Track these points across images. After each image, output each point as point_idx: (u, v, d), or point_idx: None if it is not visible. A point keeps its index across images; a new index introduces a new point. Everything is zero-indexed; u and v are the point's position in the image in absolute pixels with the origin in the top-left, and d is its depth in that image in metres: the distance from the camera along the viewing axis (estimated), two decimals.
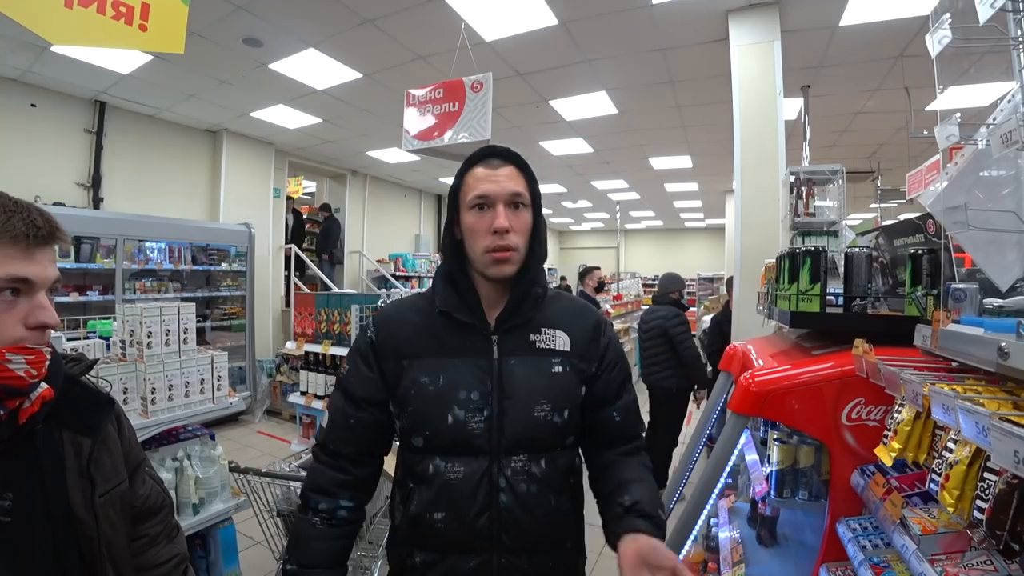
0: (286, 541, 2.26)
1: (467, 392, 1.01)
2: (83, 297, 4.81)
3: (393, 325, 1.09)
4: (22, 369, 0.76)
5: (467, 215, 1.04)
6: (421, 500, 1.01)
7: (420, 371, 1.03)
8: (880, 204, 7.01)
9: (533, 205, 1.07)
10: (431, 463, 1.01)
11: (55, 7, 1.71)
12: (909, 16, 3.72)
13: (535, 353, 1.07)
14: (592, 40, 4.38)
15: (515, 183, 1.04)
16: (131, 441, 1.03)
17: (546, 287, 1.13)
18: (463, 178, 1.07)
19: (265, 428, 5.91)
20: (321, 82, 5.29)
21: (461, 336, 1.05)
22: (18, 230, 0.75)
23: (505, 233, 1.00)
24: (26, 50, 4.40)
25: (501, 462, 1.01)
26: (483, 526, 0.99)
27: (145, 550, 1.02)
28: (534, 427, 1.03)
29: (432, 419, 1.01)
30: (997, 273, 1.06)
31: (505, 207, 1.02)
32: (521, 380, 1.04)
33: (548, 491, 1.03)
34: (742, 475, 2.36)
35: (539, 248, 1.07)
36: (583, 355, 1.10)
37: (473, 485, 1.00)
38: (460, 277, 1.07)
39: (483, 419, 1.01)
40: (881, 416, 1.39)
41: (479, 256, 1.03)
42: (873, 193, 7.09)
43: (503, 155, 1.07)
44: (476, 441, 1.00)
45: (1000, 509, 0.81)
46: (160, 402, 2.14)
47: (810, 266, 1.65)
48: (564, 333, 1.09)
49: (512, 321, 1.07)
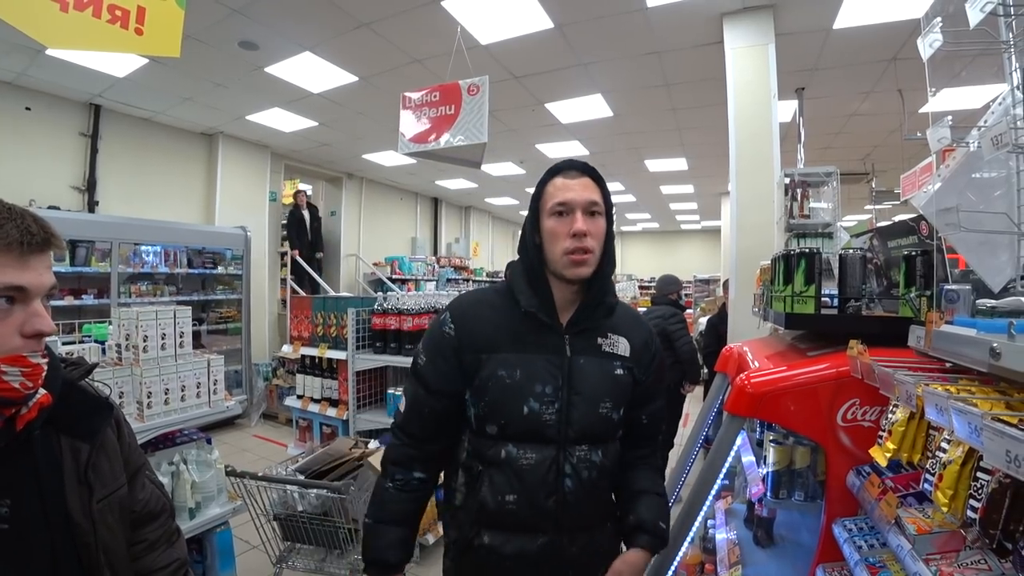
0: (282, 545, 2.26)
1: (542, 386, 1.11)
2: (78, 301, 4.79)
3: (471, 320, 1.17)
4: (17, 381, 0.75)
5: (548, 220, 1.13)
6: (493, 483, 1.11)
7: (499, 364, 1.12)
8: (874, 205, 7.06)
9: (607, 215, 1.16)
10: (503, 448, 1.11)
11: (51, 11, 1.70)
12: (902, 19, 3.75)
13: (601, 355, 1.17)
14: (587, 43, 4.40)
15: (592, 192, 1.13)
16: (131, 445, 1.02)
17: (616, 297, 1.22)
18: (544, 187, 1.17)
19: (261, 432, 5.89)
20: (317, 85, 5.29)
21: (537, 334, 1.14)
22: (12, 237, 0.74)
23: (584, 236, 1.09)
24: (21, 53, 4.38)
25: (567, 451, 1.11)
26: (551, 508, 1.10)
27: (144, 555, 1.01)
28: (597, 421, 1.14)
29: (509, 409, 1.10)
30: (989, 274, 1.07)
31: (583, 213, 1.11)
32: (588, 378, 1.14)
33: (603, 478, 1.16)
34: (739, 476, 2.37)
35: (610, 255, 1.17)
36: (638, 361, 1.21)
37: (543, 470, 1.10)
38: (538, 279, 1.15)
39: (555, 411, 1.11)
40: (876, 417, 1.39)
41: (558, 258, 1.12)
42: (867, 194, 7.14)
43: (580, 168, 1.16)
44: (547, 431, 1.10)
45: (993, 508, 0.82)
46: (156, 406, 2.13)
47: (805, 268, 1.66)
48: (625, 340, 1.20)
49: (583, 324, 1.17)
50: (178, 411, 2.21)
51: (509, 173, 9.14)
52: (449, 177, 9.71)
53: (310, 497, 2.13)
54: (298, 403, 3.88)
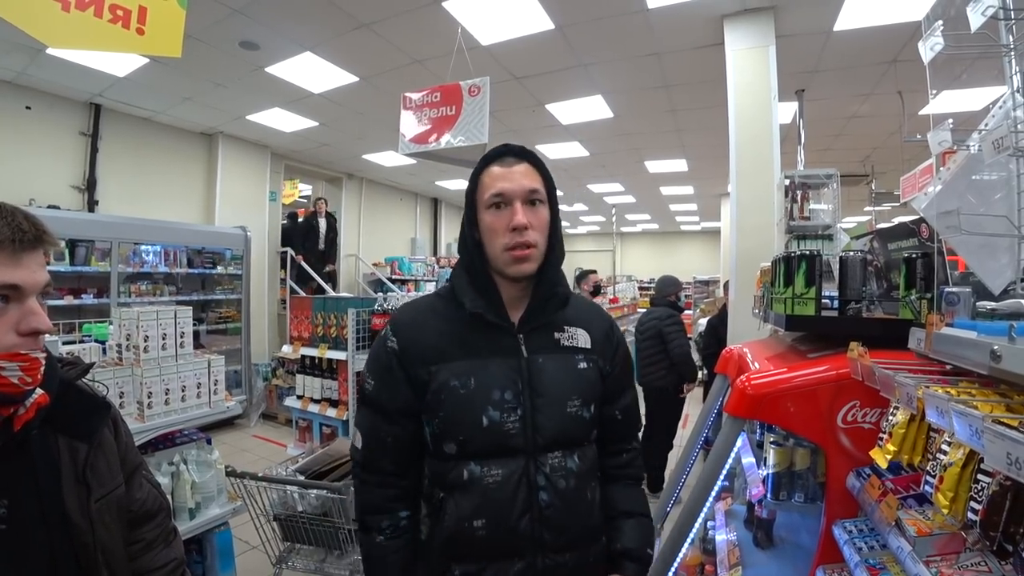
0: (282, 545, 2.26)
1: (500, 392, 1.00)
2: (77, 300, 4.78)
3: (414, 331, 1.07)
4: (16, 376, 0.75)
5: (485, 215, 1.03)
6: (458, 510, 0.98)
7: (450, 375, 1.01)
8: (874, 207, 7.06)
9: (550, 202, 1.07)
10: (465, 469, 0.99)
11: (52, 11, 1.71)
12: (902, 21, 3.76)
13: (561, 351, 1.08)
14: (588, 44, 4.40)
15: (531, 180, 1.03)
16: (128, 445, 1.02)
17: (568, 287, 1.13)
18: (479, 178, 1.06)
19: (261, 432, 5.89)
20: (317, 85, 5.29)
21: (488, 337, 1.04)
22: (3, 235, 0.74)
23: (524, 230, 1.00)
24: (21, 52, 4.38)
25: (538, 460, 1.00)
26: (525, 527, 0.98)
27: (142, 554, 1.01)
28: (567, 423, 1.04)
29: (466, 422, 0.99)
30: (990, 276, 1.08)
31: (523, 204, 1.01)
32: (551, 377, 1.04)
33: (584, 485, 1.05)
34: (739, 478, 2.37)
35: (558, 246, 1.08)
36: (601, 352, 1.12)
37: (512, 487, 0.98)
38: (482, 278, 1.06)
39: (518, 418, 1.00)
40: (876, 419, 1.39)
41: (499, 255, 1.02)
42: (867, 196, 7.14)
43: (518, 153, 1.06)
44: (512, 441, 0.99)
45: (994, 510, 0.82)
46: (156, 406, 2.13)
47: (805, 270, 1.66)
48: (584, 331, 1.11)
49: (536, 320, 1.07)
50: (178, 411, 2.21)
51: None
52: (449, 177, 9.71)
53: (310, 498, 2.13)
54: (298, 403, 3.87)
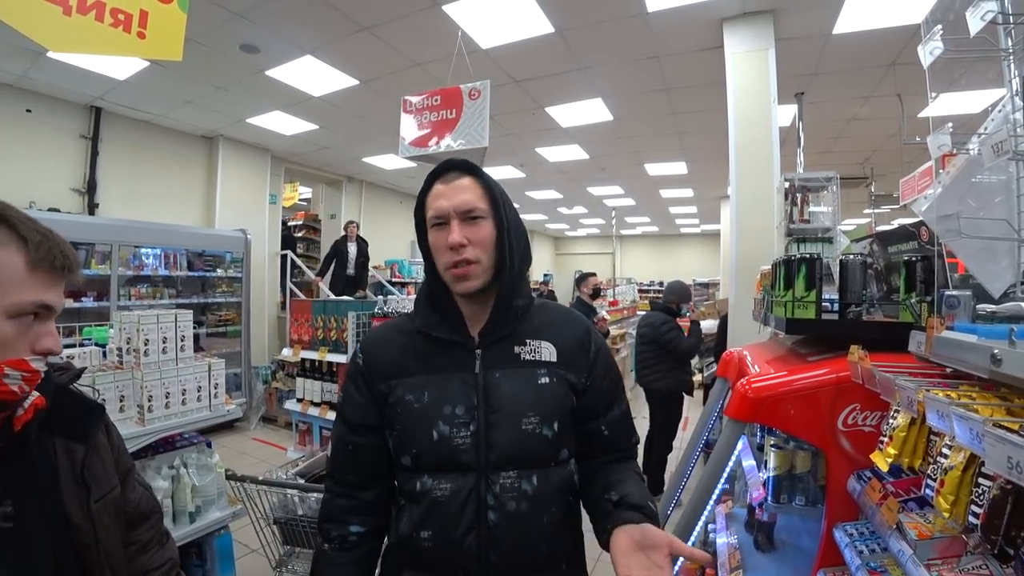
0: (282, 549, 2.26)
1: (451, 407, 0.99)
2: (77, 303, 4.78)
3: (379, 348, 1.09)
4: (16, 384, 0.77)
5: (430, 234, 1.03)
6: (410, 518, 1.00)
7: (406, 390, 1.02)
8: (874, 209, 7.06)
9: (495, 216, 1.03)
10: (419, 480, 1.00)
11: (54, 15, 1.71)
12: (901, 24, 3.77)
13: (519, 365, 1.04)
14: (588, 48, 4.41)
15: (468, 194, 1.01)
16: (120, 448, 1.04)
17: (529, 298, 1.10)
18: (424, 198, 1.05)
19: (261, 435, 5.88)
20: (318, 89, 5.30)
21: (444, 353, 1.04)
22: (58, 262, 0.80)
23: (460, 247, 0.98)
24: (22, 55, 4.39)
25: (489, 478, 0.98)
26: (470, 545, 0.96)
27: (138, 556, 1.02)
28: (522, 441, 0.99)
29: (418, 436, 1.00)
30: (989, 280, 1.08)
31: (460, 222, 0.99)
32: (507, 393, 1.01)
33: (540, 510, 0.99)
34: (739, 481, 2.36)
35: (508, 259, 1.03)
36: (571, 365, 1.07)
37: (460, 502, 0.97)
38: (441, 295, 1.06)
39: (469, 434, 0.98)
40: (876, 422, 1.40)
41: (443, 273, 1.02)
42: (867, 199, 7.14)
43: (459, 167, 1.04)
44: (462, 457, 0.98)
45: (995, 514, 0.82)
46: (157, 410, 2.13)
47: (805, 273, 1.67)
48: (550, 344, 1.07)
49: (494, 334, 1.05)
50: (178, 415, 2.20)
51: (509, 177, 9.15)
52: None
53: (310, 501, 2.12)
54: (298, 406, 3.87)
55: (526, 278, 1.11)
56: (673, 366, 4.27)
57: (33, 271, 0.78)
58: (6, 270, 0.76)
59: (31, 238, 0.78)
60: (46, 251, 0.79)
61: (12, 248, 0.77)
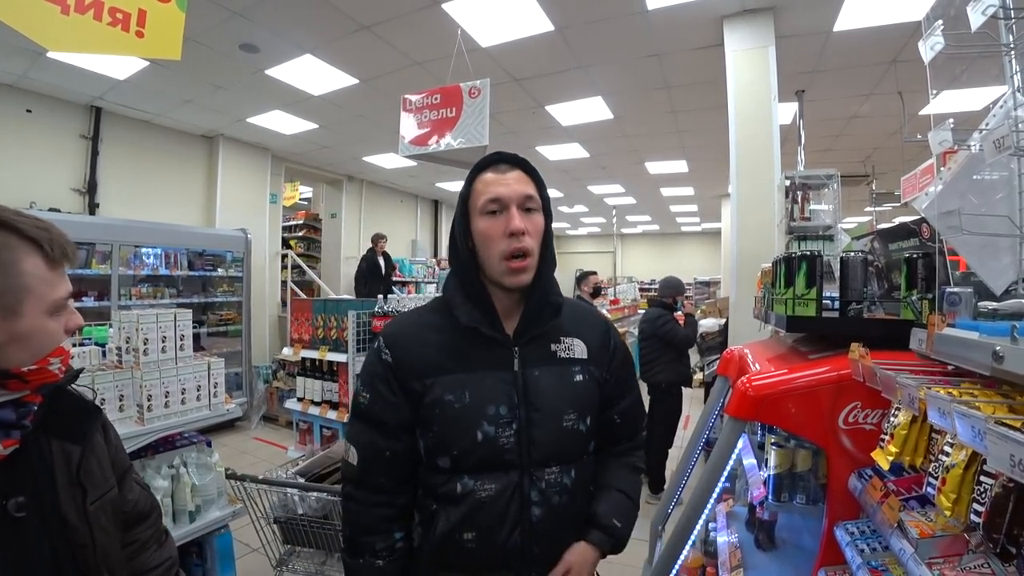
0: (283, 548, 2.25)
1: (495, 407, 0.99)
2: (78, 303, 4.76)
3: (409, 343, 1.05)
4: (57, 368, 0.87)
5: (480, 221, 1.01)
6: (449, 520, 0.98)
7: (444, 389, 0.99)
8: (875, 207, 7.06)
9: (545, 209, 1.05)
10: (459, 482, 0.98)
11: (52, 14, 1.71)
12: (902, 21, 3.76)
13: (557, 363, 1.05)
14: (588, 46, 4.40)
15: (526, 186, 1.02)
16: (117, 448, 1.04)
17: (562, 295, 1.11)
18: (472, 185, 1.04)
19: (261, 434, 5.88)
20: (318, 88, 5.30)
21: (483, 350, 1.02)
22: (68, 252, 0.89)
23: (521, 235, 0.98)
24: (21, 56, 4.39)
25: (533, 475, 0.99)
26: (515, 542, 0.98)
27: (137, 555, 1.03)
28: (563, 437, 1.02)
29: (460, 437, 0.98)
30: (991, 276, 1.07)
31: (519, 210, 0.99)
32: (547, 391, 1.02)
33: (577, 500, 1.04)
34: (740, 479, 2.36)
35: (550, 255, 1.06)
36: (598, 361, 1.10)
37: (505, 501, 0.97)
38: (476, 289, 1.03)
39: (512, 433, 0.98)
40: (878, 420, 1.39)
41: (495, 263, 1.00)
42: (868, 196, 7.14)
43: (511, 160, 1.05)
44: (507, 456, 0.98)
45: (996, 512, 0.81)
46: (156, 409, 2.13)
47: (806, 270, 1.66)
48: (580, 341, 1.09)
49: (531, 332, 1.05)
50: (178, 414, 2.20)
51: None
52: (449, 179, 9.71)
53: (310, 500, 2.12)
54: (298, 406, 3.87)
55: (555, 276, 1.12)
56: (673, 358, 4.35)
57: (54, 268, 0.86)
58: (36, 276, 0.83)
59: (41, 238, 0.84)
60: (58, 247, 0.86)
61: (32, 254, 0.83)
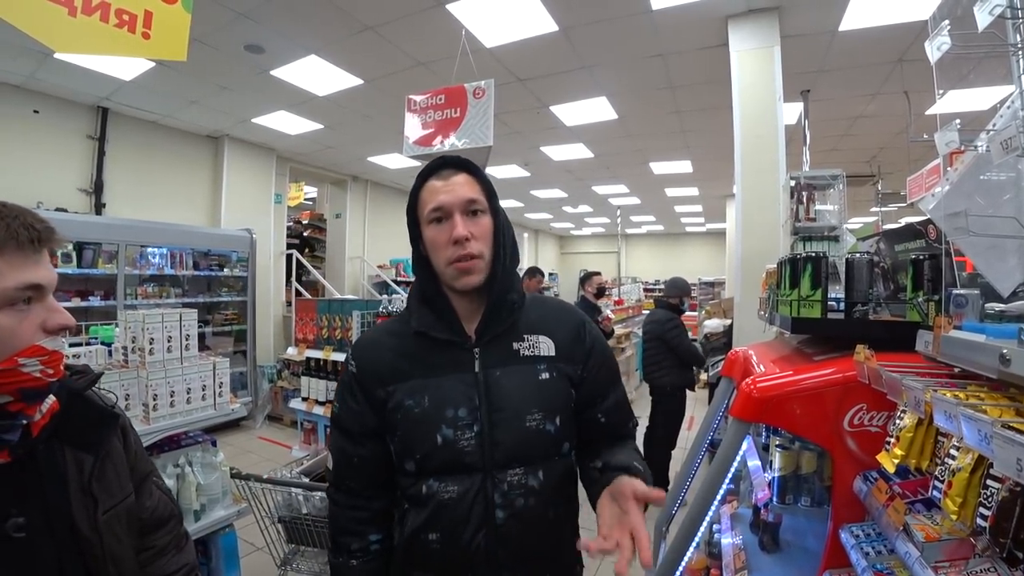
0: (287, 547, 2.26)
1: (454, 410, 0.99)
2: (84, 303, 4.82)
3: (372, 352, 1.07)
4: (37, 370, 0.75)
5: (427, 229, 1.02)
6: (416, 521, 0.99)
7: (404, 394, 1.01)
8: (880, 208, 7.01)
9: (492, 210, 1.04)
10: (424, 484, 0.99)
11: (59, 16, 1.71)
12: (908, 21, 3.74)
13: (519, 362, 1.04)
14: (592, 46, 4.40)
15: (469, 190, 1.01)
16: (138, 453, 1.02)
17: (522, 293, 1.09)
18: (418, 194, 1.04)
19: (266, 434, 5.90)
20: (322, 88, 5.32)
21: (442, 354, 1.03)
22: (22, 236, 0.74)
23: (465, 241, 0.98)
24: (29, 57, 4.42)
25: (496, 477, 0.98)
26: (479, 544, 0.97)
27: (153, 561, 1.01)
28: (527, 438, 1.00)
29: (421, 441, 0.99)
30: (998, 278, 1.06)
31: (462, 215, 0.99)
32: (509, 391, 1.01)
33: (547, 504, 1.02)
34: (744, 481, 2.35)
35: (505, 254, 1.04)
36: (569, 357, 1.08)
37: (468, 503, 0.97)
38: (433, 294, 1.05)
39: (473, 435, 0.98)
40: (883, 422, 1.38)
41: (444, 269, 1.01)
42: (873, 197, 7.09)
43: (455, 164, 1.04)
44: (467, 459, 0.98)
45: (1003, 517, 0.81)
46: (162, 408, 2.14)
47: (811, 272, 1.65)
48: (547, 338, 1.07)
49: (491, 331, 1.04)
50: (183, 413, 2.21)
51: (514, 176, 9.15)
52: None
53: (314, 500, 2.13)
54: (303, 405, 3.88)
55: (517, 273, 1.11)
56: (678, 362, 4.30)
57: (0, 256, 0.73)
58: None
59: None
60: (5, 230, 0.73)
61: None
